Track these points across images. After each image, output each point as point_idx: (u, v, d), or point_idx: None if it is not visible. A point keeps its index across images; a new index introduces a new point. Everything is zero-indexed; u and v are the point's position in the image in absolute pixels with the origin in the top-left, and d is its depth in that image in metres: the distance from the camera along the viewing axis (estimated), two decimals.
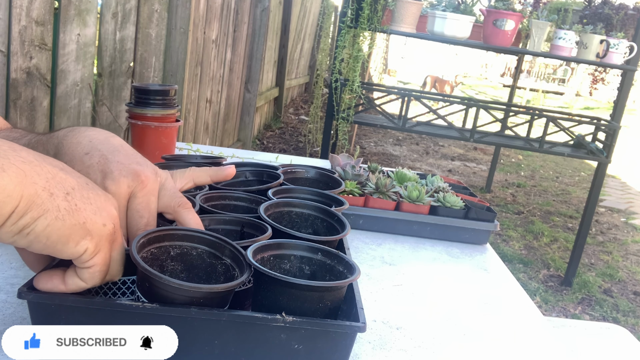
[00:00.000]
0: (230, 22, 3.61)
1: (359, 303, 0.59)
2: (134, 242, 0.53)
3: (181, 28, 2.57)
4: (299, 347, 0.54)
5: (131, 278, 0.57)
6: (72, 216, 0.43)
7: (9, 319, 0.61)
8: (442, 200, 1.10)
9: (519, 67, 4.91)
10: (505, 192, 5.10)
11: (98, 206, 0.46)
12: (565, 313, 2.89)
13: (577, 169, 6.55)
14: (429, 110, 2.88)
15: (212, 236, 0.59)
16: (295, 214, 0.75)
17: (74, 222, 0.43)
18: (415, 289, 0.86)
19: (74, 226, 0.43)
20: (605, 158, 2.90)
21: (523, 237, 3.94)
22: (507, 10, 2.73)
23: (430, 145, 6.66)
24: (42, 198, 0.41)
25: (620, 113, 2.91)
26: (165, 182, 0.59)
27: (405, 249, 1.02)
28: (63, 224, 0.42)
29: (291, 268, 0.62)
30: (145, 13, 2.31)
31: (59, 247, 0.44)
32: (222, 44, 3.49)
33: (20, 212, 0.40)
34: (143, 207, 0.55)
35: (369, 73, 6.75)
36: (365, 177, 1.13)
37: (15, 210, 0.40)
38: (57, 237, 0.43)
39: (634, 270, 3.60)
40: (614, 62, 2.83)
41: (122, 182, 0.53)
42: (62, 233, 0.43)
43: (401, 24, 2.74)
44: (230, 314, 0.52)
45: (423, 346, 0.70)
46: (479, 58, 15.41)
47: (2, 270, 0.72)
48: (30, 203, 0.41)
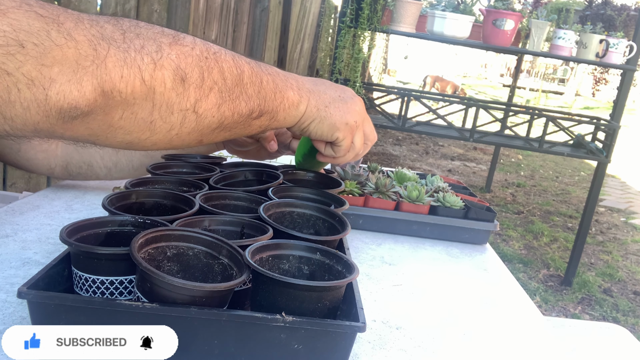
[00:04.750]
0: (230, 22, 3.61)
1: (358, 303, 0.59)
2: (134, 242, 0.53)
3: (180, 28, 2.57)
4: (298, 347, 0.54)
5: (129, 278, 0.57)
6: (328, 120, 0.68)
7: (9, 318, 0.61)
8: (442, 200, 1.10)
9: (518, 67, 4.91)
10: (505, 192, 5.10)
11: (344, 111, 0.69)
12: (565, 313, 2.89)
13: (576, 169, 6.55)
14: (429, 110, 2.88)
15: (209, 236, 0.59)
16: (297, 214, 0.75)
17: (329, 123, 0.68)
18: (415, 289, 0.86)
19: (329, 125, 0.68)
20: (605, 158, 2.90)
21: (523, 237, 3.95)
22: (507, 10, 2.73)
23: (430, 145, 6.66)
24: (313, 112, 0.67)
25: (620, 113, 2.91)
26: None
27: (405, 249, 1.02)
28: (323, 125, 0.68)
29: (290, 268, 0.62)
30: (144, 13, 2.31)
31: (324, 137, 0.70)
32: (221, 44, 3.48)
33: (302, 119, 0.67)
34: None
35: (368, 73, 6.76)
36: (365, 177, 1.13)
37: (300, 119, 0.66)
38: (322, 132, 0.69)
39: (634, 270, 3.60)
40: (614, 62, 2.83)
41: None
42: (324, 130, 0.69)
43: (401, 24, 2.74)
44: (230, 313, 0.52)
45: (423, 346, 0.70)
46: (479, 58, 15.42)
47: (2, 270, 0.72)
48: (308, 115, 0.67)
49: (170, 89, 0.49)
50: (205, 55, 0.52)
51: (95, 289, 0.57)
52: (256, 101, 0.58)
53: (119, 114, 0.47)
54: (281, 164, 0.99)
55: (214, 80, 0.52)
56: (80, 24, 0.43)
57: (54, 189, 1.06)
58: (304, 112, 0.66)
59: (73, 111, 0.44)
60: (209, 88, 0.52)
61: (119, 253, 0.56)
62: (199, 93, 0.51)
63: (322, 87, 0.69)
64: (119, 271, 0.57)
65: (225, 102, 0.54)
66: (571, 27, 2.85)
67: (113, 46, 0.45)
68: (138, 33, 0.47)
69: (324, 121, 0.68)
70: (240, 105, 0.56)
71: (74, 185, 1.09)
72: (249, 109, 0.57)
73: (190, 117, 0.52)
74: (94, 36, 0.44)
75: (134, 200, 0.73)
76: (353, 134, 0.71)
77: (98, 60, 0.44)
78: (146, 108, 0.48)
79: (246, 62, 0.58)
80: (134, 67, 0.46)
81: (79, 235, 0.60)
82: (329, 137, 0.70)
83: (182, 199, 0.73)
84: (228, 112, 0.55)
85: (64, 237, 0.56)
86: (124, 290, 0.58)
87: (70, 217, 0.93)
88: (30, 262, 0.75)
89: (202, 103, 0.52)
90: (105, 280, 0.57)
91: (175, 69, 0.49)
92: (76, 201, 1.01)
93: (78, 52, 0.42)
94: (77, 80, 0.43)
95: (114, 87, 0.45)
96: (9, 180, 2.25)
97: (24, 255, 0.77)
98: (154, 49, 0.47)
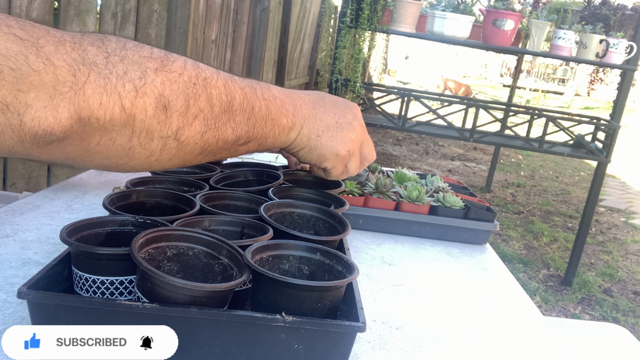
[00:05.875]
0: (230, 22, 3.61)
1: (358, 303, 0.59)
2: (134, 242, 0.53)
3: (181, 28, 2.58)
4: (298, 347, 0.54)
5: (129, 278, 0.58)
6: (317, 150, 0.67)
7: (9, 319, 0.61)
8: (442, 200, 1.10)
9: (518, 67, 4.91)
10: (505, 192, 5.10)
11: (337, 141, 0.68)
12: (565, 313, 2.89)
13: (576, 169, 6.55)
14: (429, 110, 2.88)
15: (209, 236, 0.59)
16: (297, 214, 0.75)
17: (318, 154, 0.68)
18: (415, 289, 0.86)
19: (318, 156, 0.68)
20: (605, 158, 2.90)
21: (523, 237, 3.95)
22: (507, 10, 2.73)
23: (430, 145, 6.66)
24: (304, 141, 0.66)
25: (620, 113, 2.91)
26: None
27: (405, 249, 1.02)
28: (312, 155, 0.68)
29: (290, 268, 0.62)
30: (144, 13, 2.31)
31: (312, 164, 0.70)
32: (221, 44, 3.49)
33: (292, 146, 0.66)
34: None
35: (368, 73, 6.76)
36: (365, 177, 1.13)
37: (290, 145, 0.66)
38: (310, 159, 0.69)
39: (634, 270, 3.60)
40: (614, 62, 2.83)
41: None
42: (312, 158, 0.69)
43: (401, 24, 2.74)
44: (230, 313, 0.52)
45: (423, 346, 0.70)
46: (479, 58, 15.42)
47: (2, 270, 0.72)
48: (298, 143, 0.66)
49: (152, 117, 0.48)
50: (193, 81, 0.51)
51: (95, 289, 0.57)
52: (244, 128, 0.57)
53: (96, 139, 0.46)
54: (281, 164, 0.99)
55: (199, 107, 0.51)
56: (61, 48, 0.43)
57: (54, 189, 1.06)
58: (294, 139, 0.65)
59: (48, 137, 0.43)
60: (193, 116, 0.51)
61: (119, 253, 0.56)
62: (182, 121, 0.50)
63: (321, 111, 0.67)
64: (119, 271, 0.57)
65: (210, 130, 0.53)
66: (571, 27, 2.85)
67: (94, 72, 0.44)
68: (123, 56, 0.46)
69: (313, 151, 0.67)
70: (226, 133, 0.55)
71: (74, 185, 1.09)
72: (235, 135, 0.56)
73: (171, 144, 0.51)
74: (75, 61, 0.43)
75: (134, 200, 0.73)
76: (345, 162, 0.71)
77: (76, 87, 0.43)
78: (125, 135, 0.47)
79: (240, 87, 0.56)
80: (113, 94, 0.45)
81: (79, 235, 0.60)
82: (317, 165, 0.70)
83: (182, 199, 0.73)
84: (212, 140, 0.54)
85: (64, 237, 0.57)
86: (124, 291, 0.58)
87: (70, 217, 0.93)
88: (30, 262, 0.75)
89: (185, 131, 0.51)
90: (105, 280, 0.57)
91: (158, 97, 0.48)
92: (76, 201, 1.01)
93: (56, 78, 0.42)
94: (54, 106, 0.42)
95: (92, 114, 0.44)
96: (9, 180, 2.25)
97: (24, 255, 0.77)
98: (137, 75, 0.46)
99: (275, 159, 1.44)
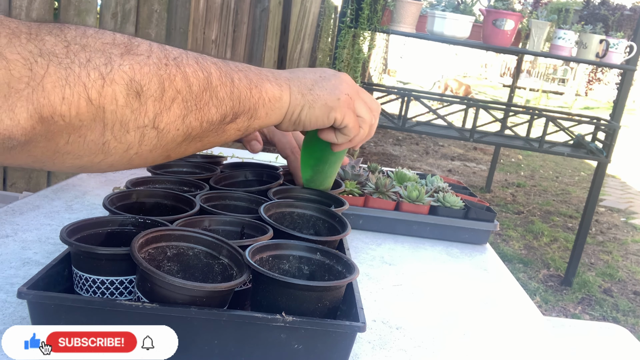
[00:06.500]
0: (230, 22, 3.61)
1: (358, 303, 0.59)
2: (134, 242, 0.53)
3: (181, 28, 2.58)
4: (298, 347, 0.54)
5: (129, 278, 0.58)
6: (318, 102, 0.61)
7: (9, 318, 0.61)
8: (442, 200, 1.10)
9: (518, 67, 4.91)
10: (505, 192, 5.10)
11: (331, 88, 0.62)
12: (565, 313, 2.89)
13: (577, 169, 6.55)
14: (429, 110, 2.88)
15: (209, 236, 0.59)
16: (297, 214, 0.75)
17: (320, 105, 0.61)
18: (415, 289, 0.86)
19: (321, 107, 0.61)
20: (605, 158, 2.90)
21: (523, 237, 3.95)
22: (507, 10, 2.73)
23: (430, 145, 6.66)
24: (299, 99, 0.60)
25: (620, 113, 2.91)
26: None
27: (405, 249, 1.02)
28: (315, 110, 0.61)
29: (290, 268, 0.62)
30: (144, 13, 2.31)
31: (320, 123, 0.63)
32: (221, 44, 3.49)
33: (290, 111, 0.60)
34: None
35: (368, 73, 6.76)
36: (365, 177, 1.13)
37: (287, 111, 0.60)
38: (316, 118, 0.62)
39: (634, 270, 3.60)
40: (614, 62, 2.83)
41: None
42: (317, 115, 0.62)
43: (401, 24, 2.74)
44: (230, 313, 0.52)
45: (423, 346, 0.70)
46: (479, 58, 15.42)
47: (2, 270, 0.72)
48: (294, 104, 0.60)
49: (124, 106, 0.43)
50: (164, 62, 0.46)
51: (95, 289, 0.57)
52: (229, 104, 0.52)
53: (64, 138, 0.42)
54: (281, 164, 0.99)
55: (176, 89, 0.47)
56: (14, 40, 0.38)
57: (54, 189, 1.06)
58: (288, 102, 0.59)
59: (7, 142, 0.39)
60: (170, 99, 0.46)
61: (119, 253, 0.56)
62: (158, 106, 0.46)
63: (300, 73, 0.63)
64: (119, 271, 0.57)
65: (191, 112, 0.48)
66: (571, 27, 2.85)
67: (53, 63, 0.39)
68: (84, 44, 0.42)
69: (314, 105, 0.61)
70: (209, 113, 0.50)
71: (74, 185, 1.09)
72: (220, 114, 0.51)
73: (150, 134, 0.46)
74: (31, 53, 0.39)
75: (134, 200, 0.73)
76: (352, 107, 0.64)
77: (34, 82, 0.38)
78: (96, 129, 0.43)
79: (212, 62, 0.52)
80: (77, 86, 0.40)
81: (79, 235, 0.60)
82: (325, 120, 0.63)
83: (182, 199, 0.73)
84: (196, 122, 0.49)
85: (64, 237, 0.57)
86: (124, 291, 0.58)
87: (70, 217, 0.93)
88: (30, 262, 0.75)
89: (164, 117, 0.46)
90: (105, 280, 0.57)
91: (128, 83, 0.43)
92: (76, 201, 1.01)
93: (10, 74, 0.37)
94: (9, 106, 0.38)
95: (54, 111, 0.40)
96: (9, 180, 2.25)
97: (24, 255, 0.77)
98: (102, 61, 0.42)
99: (275, 159, 1.45)
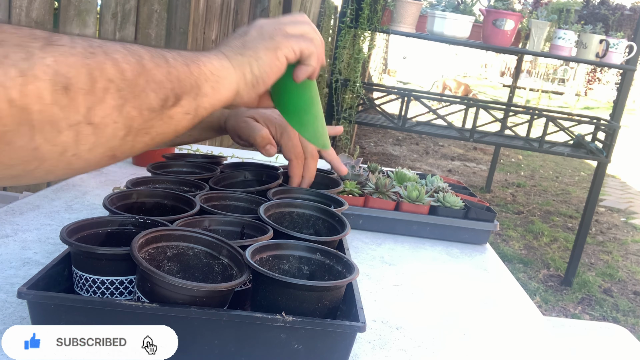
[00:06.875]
0: (230, 22, 3.61)
1: (358, 303, 0.59)
2: (134, 242, 0.53)
3: (181, 28, 2.58)
4: (298, 347, 0.54)
5: (129, 278, 0.58)
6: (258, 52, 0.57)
7: (9, 319, 0.61)
8: (442, 200, 1.10)
9: (518, 67, 4.91)
10: (505, 192, 5.10)
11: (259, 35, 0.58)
12: (565, 313, 2.89)
13: (577, 169, 6.55)
14: (429, 110, 2.88)
15: (209, 236, 0.59)
16: (296, 214, 0.75)
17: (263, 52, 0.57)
18: (414, 289, 0.86)
19: (266, 53, 0.57)
20: (605, 158, 2.90)
21: (523, 237, 3.95)
22: (507, 10, 2.73)
23: (430, 145, 6.66)
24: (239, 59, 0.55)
25: (620, 113, 2.91)
26: None
27: (405, 249, 1.02)
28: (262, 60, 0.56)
29: (290, 268, 0.62)
30: (144, 13, 2.31)
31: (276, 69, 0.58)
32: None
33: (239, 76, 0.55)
34: None
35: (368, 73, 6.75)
36: (365, 177, 1.13)
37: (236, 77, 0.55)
38: (269, 66, 0.57)
39: (634, 270, 3.60)
40: (614, 62, 2.83)
41: None
42: (267, 62, 0.57)
43: (401, 24, 2.74)
44: (230, 313, 0.53)
45: (423, 346, 0.70)
46: (479, 58, 15.42)
47: (2, 270, 0.72)
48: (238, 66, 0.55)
49: (51, 104, 0.39)
50: (90, 50, 0.42)
51: (95, 289, 0.57)
52: (168, 85, 0.47)
53: None
54: (281, 164, 0.99)
55: (108, 77, 0.42)
56: None
57: (54, 189, 1.06)
58: (231, 67, 0.54)
59: None
60: (103, 90, 0.42)
61: (119, 253, 0.56)
62: (90, 99, 0.41)
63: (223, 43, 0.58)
64: (119, 271, 0.57)
65: (128, 101, 0.44)
66: (571, 27, 2.85)
67: None
68: (1, 40, 0.38)
69: (258, 55, 0.56)
70: (148, 99, 0.45)
71: (74, 185, 1.09)
72: (160, 98, 0.46)
73: (86, 131, 0.42)
74: None
75: (134, 200, 0.73)
76: (287, 34, 0.59)
77: None
78: (23, 134, 0.38)
79: (139, 46, 0.47)
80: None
81: (79, 235, 0.60)
82: (278, 62, 0.58)
83: (182, 199, 0.73)
84: (135, 112, 0.44)
85: (65, 237, 0.57)
86: (124, 291, 0.58)
87: (70, 217, 0.93)
88: (30, 262, 0.75)
89: (98, 110, 0.42)
90: (105, 280, 0.57)
91: (53, 77, 0.39)
92: (76, 201, 1.01)
93: None
94: None
95: None
96: None
97: (24, 255, 0.77)
98: (21, 56, 0.37)
99: (275, 159, 1.44)
